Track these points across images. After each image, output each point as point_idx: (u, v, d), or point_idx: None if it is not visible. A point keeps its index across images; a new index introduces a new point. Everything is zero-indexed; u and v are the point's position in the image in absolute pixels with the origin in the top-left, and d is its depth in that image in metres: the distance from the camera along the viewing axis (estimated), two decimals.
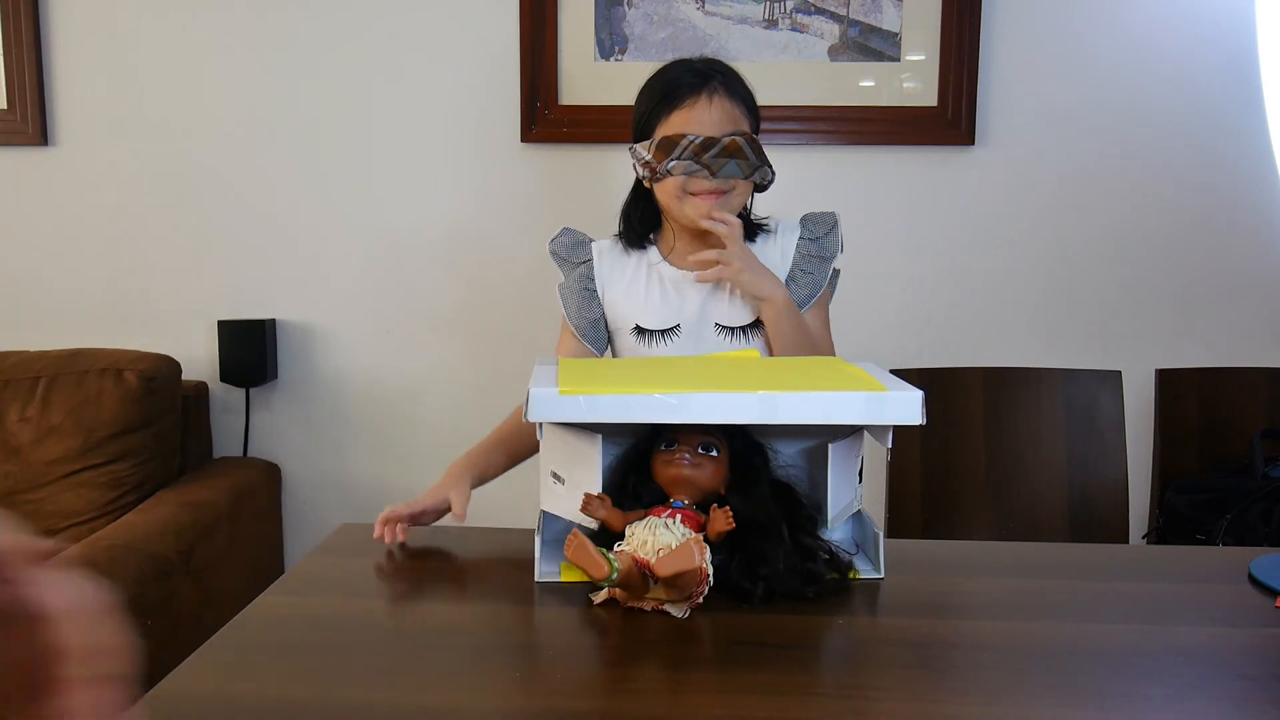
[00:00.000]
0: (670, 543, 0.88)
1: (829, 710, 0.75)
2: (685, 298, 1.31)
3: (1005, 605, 0.96)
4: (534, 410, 0.91)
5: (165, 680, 0.78)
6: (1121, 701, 0.76)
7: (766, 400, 0.91)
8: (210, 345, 2.16)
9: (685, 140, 1.21)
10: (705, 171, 1.22)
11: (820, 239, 1.33)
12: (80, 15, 2.11)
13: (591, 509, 0.94)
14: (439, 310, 2.14)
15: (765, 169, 1.28)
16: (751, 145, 1.24)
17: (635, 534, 0.91)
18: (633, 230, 1.35)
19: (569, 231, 1.38)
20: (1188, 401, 1.81)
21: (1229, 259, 2.02)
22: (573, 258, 1.35)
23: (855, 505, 1.08)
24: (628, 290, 1.32)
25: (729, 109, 1.25)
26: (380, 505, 1.14)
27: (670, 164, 1.22)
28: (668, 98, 1.25)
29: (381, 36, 2.08)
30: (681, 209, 1.26)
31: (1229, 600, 0.97)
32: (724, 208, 1.25)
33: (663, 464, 0.97)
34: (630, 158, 1.31)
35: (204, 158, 2.13)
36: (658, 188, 1.27)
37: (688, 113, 1.23)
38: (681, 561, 0.85)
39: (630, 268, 1.33)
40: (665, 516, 0.92)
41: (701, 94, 1.24)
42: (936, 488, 1.74)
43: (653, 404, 0.91)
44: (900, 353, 2.07)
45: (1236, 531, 1.60)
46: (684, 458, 0.96)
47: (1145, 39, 1.99)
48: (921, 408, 0.92)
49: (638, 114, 1.30)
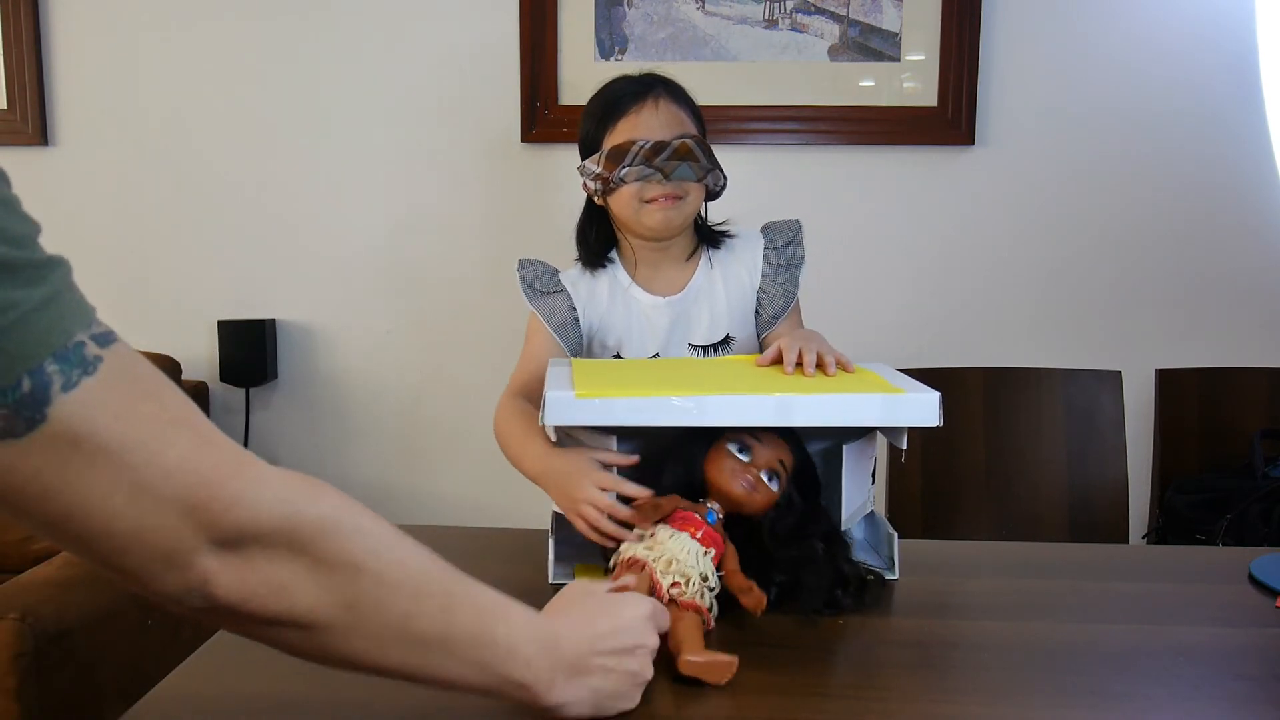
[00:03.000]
0: (691, 575, 0.85)
1: (830, 710, 0.75)
2: (658, 322, 1.28)
3: (1005, 605, 0.96)
4: (550, 414, 0.90)
5: (165, 680, 0.78)
6: (1121, 701, 0.76)
7: (783, 403, 0.91)
8: (210, 345, 2.15)
9: (635, 146, 1.18)
10: (659, 175, 1.19)
11: (784, 248, 1.30)
12: (80, 15, 2.11)
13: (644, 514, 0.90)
14: (439, 310, 2.14)
15: (717, 172, 1.24)
16: (702, 147, 1.21)
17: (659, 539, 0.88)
18: (590, 251, 1.30)
19: (534, 262, 1.31)
20: (1188, 401, 1.81)
21: (1229, 259, 2.02)
22: (545, 287, 1.28)
23: (869, 506, 1.08)
24: (604, 320, 1.28)
25: (675, 113, 1.23)
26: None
27: (623, 171, 1.19)
28: (612, 110, 1.23)
29: (382, 37, 2.08)
30: (639, 219, 1.22)
31: (1229, 600, 0.97)
32: (679, 212, 1.22)
33: (725, 470, 0.92)
34: (579, 177, 1.28)
35: (204, 158, 2.13)
36: (612, 200, 1.24)
37: (635, 119, 1.21)
38: (712, 674, 0.78)
39: (603, 294, 1.28)
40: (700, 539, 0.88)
41: (646, 100, 1.22)
42: (936, 488, 1.74)
43: (669, 407, 0.90)
44: (900, 353, 2.07)
45: (1236, 532, 1.60)
46: (748, 480, 0.91)
47: (1145, 39, 1.99)
48: (939, 409, 0.92)
49: (583, 134, 1.27)
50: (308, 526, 0.57)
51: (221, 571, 0.54)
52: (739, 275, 1.29)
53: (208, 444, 0.54)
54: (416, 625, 0.61)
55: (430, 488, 2.17)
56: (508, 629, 0.65)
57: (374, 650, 0.61)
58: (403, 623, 0.61)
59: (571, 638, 0.69)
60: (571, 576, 0.99)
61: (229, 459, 0.54)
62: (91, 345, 0.50)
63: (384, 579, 0.60)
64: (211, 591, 0.54)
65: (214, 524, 0.53)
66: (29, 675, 1.36)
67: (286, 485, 0.57)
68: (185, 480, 0.52)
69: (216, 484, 0.53)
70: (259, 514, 0.55)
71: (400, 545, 0.62)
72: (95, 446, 0.49)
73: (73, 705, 1.44)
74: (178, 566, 0.53)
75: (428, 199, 2.11)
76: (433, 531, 1.18)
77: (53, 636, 1.39)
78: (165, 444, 0.51)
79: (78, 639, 1.39)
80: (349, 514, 0.60)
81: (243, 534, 0.54)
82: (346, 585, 0.58)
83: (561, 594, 0.76)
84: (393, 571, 0.60)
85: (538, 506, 1.07)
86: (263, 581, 0.56)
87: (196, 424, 0.54)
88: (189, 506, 0.52)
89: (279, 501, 0.56)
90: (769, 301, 1.29)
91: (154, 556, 0.52)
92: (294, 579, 0.57)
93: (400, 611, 0.60)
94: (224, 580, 0.54)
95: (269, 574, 0.56)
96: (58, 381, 0.48)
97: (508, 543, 1.14)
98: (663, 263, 1.28)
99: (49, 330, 0.48)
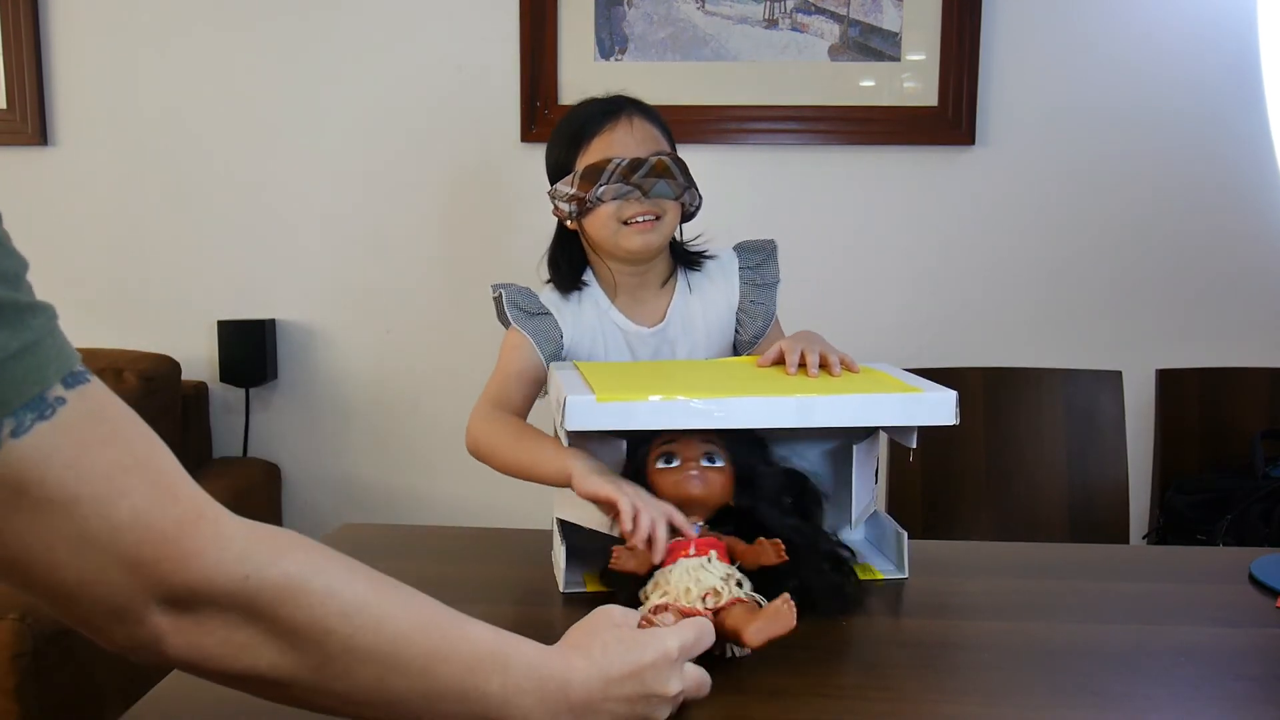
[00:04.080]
0: (714, 584, 0.82)
1: (830, 709, 0.75)
2: (640, 352, 1.26)
3: (1005, 605, 0.96)
4: (570, 418, 0.89)
5: (165, 680, 0.78)
6: (1121, 701, 0.76)
7: (804, 404, 0.91)
8: (210, 345, 2.15)
9: (612, 163, 1.15)
10: (637, 192, 1.16)
11: (758, 267, 1.27)
12: (80, 15, 2.11)
13: (621, 563, 0.86)
14: (439, 310, 2.14)
15: (694, 191, 1.22)
16: (678, 165, 1.18)
17: (670, 581, 0.84)
18: (563, 275, 1.26)
19: (510, 285, 1.24)
20: (1188, 401, 1.81)
21: (1229, 259, 2.02)
22: (532, 308, 1.22)
23: (874, 506, 1.09)
24: (590, 351, 1.24)
25: (649, 130, 1.20)
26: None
27: (600, 190, 1.15)
28: (583, 130, 1.19)
29: (382, 36, 2.08)
30: (617, 241, 1.18)
31: (1229, 600, 0.97)
32: (658, 234, 1.19)
33: (669, 484, 0.91)
34: (550, 202, 1.23)
35: (204, 157, 2.13)
36: (587, 222, 1.19)
37: (609, 136, 1.17)
38: (777, 626, 0.76)
39: (584, 316, 1.24)
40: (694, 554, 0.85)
41: (620, 118, 1.19)
42: (936, 488, 1.74)
43: (692, 411, 0.89)
44: (900, 352, 2.06)
45: (1237, 532, 1.60)
46: (692, 475, 0.90)
47: (1146, 39, 1.99)
48: (955, 408, 0.92)
49: (552, 159, 1.23)
50: (268, 590, 0.53)
51: (173, 631, 0.52)
52: (715, 299, 1.27)
53: (167, 496, 0.51)
54: (393, 685, 0.58)
55: (430, 488, 2.17)
56: (503, 680, 0.61)
57: (349, 707, 0.58)
58: (378, 684, 0.57)
59: (584, 680, 0.64)
60: (583, 585, 0.98)
61: (188, 512, 0.52)
62: (58, 387, 0.48)
63: (354, 642, 0.56)
64: (163, 649, 0.52)
65: (163, 582, 0.51)
66: (29, 675, 1.36)
67: (250, 545, 0.54)
68: (135, 536, 0.49)
69: (170, 541, 0.50)
70: (213, 576, 0.52)
71: (379, 602, 0.58)
72: (42, 496, 0.47)
73: (73, 705, 1.44)
74: (127, 622, 0.51)
75: (428, 199, 2.11)
76: (433, 531, 1.18)
77: (52, 636, 1.39)
78: (118, 495, 0.49)
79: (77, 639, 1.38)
80: (318, 574, 0.56)
81: (195, 595, 0.52)
82: (312, 650, 0.55)
83: (587, 621, 0.71)
84: (364, 635, 0.56)
85: (538, 507, 1.07)
86: (219, 643, 0.53)
87: (160, 472, 0.51)
88: (135, 563, 0.50)
89: (238, 562, 0.53)
90: (749, 322, 1.27)
91: (102, 610, 0.50)
92: (252, 641, 0.54)
93: (374, 673, 0.57)
94: (175, 640, 0.52)
95: (224, 636, 0.53)
96: (8, 426, 0.45)
97: (508, 543, 1.14)
98: (640, 289, 1.25)
99: (23, 380, 0.46)
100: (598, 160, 1.16)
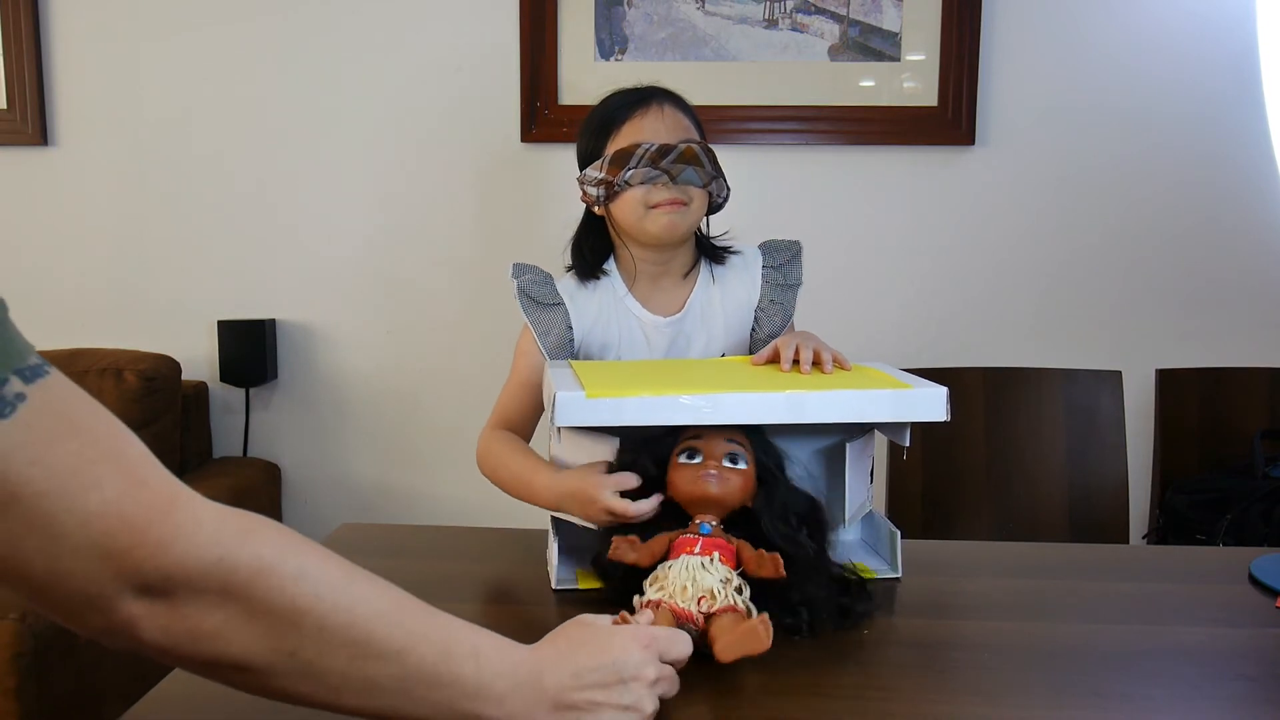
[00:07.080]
0: (712, 586, 0.82)
1: (829, 710, 0.75)
2: (656, 342, 1.25)
3: (1005, 605, 0.96)
4: (561, 415, 0.89)
5: (165, 680, 0.78)
6: (1121, 701, 0.76)
7: (794, 400, 0.91)
8: (210, 345, 2.16)
9: (641, 148, 1.16)
10: (665, 177, 1.16)
11: (782, 267, 1.28)
12: (80, 15, 2.11)
13: (621, 553, 0.87)
14: (439, 310, 2.14)
15: (721, 181, 1.22)
16: (707, 154, 1.19)
17: (669, 577, 0.84)
18: (585, 263, 1.27)
19: (529, 268, 1.25)
20: (1188, 401, 1.81)
21: (1229, 259, 2.02)
22: (543, 298, 1.24)
23: (868, 505, 1.08)
24: (598, 334, 1.24)
25: (678, 118, 1.21)
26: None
27: (628, 174, 1.16)
28: (614, 117, 1.21)
29: (381, 37, 2.08)
30: (642, 225, 1.19)
31: (1229, 600, 0.97)
32: (684, 218, 1.19)
33: (687, 480, 0.90)
34: (580, 187, 1.24)
35: (204, 157, 2.13)
36: (615, 207, 1.20)
37: (639, 122, 1.19)
38: (750, 646, 0.77)
39: (598, 308, 1.24)
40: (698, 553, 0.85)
41: (651, 105, 1.20)
42: (936, 488, 1.74)
43: (681, 406, 0.89)
44: (900, 352, 2.07)
45: (1237, 532, 1.60)
46: (710, 474, 0.89)
47: (1146, 39, 1.99)
48: (947, 404, 0.92)
49: (582, 145, 1.25)
50: (242, 571, 0.54)
51: (146, 617, 0.52)
52: (738, 293, 1.27)
53: (137, 483, 0.51)
54: (368, 669, 0.58)
55: (430, 488, 2.17)
56: (477, 666, 0.62)
57: (323, 693, 0.58)
58: (351, 667, 0.58)
59: (555, 671, 0.66)
60: (575, 582, 0.99)
61: (160, 499, 0.52)
62: (15, 383, 0.47)
63: (327, 623, 0.57)
64: (137, 635, 0.53)
65: (136, 570, 0.51)
66: (29, 675, 1.36)
67: (221, 527, 0.54)
68: (106, 526, 0.49)
69: (141, 529, 0.51)
70: (186, 560, 0.52)
71: (352, 587, 0.59)
72: (7, 494, 0.47)
73: (73, 705, 1.44)
74: (101, 610, 0.51)
75: (428, 199, 2.11)
76: (433, 531, 1.18)
77: (52, 636, 1.39)
78: (86, 486, 0.49)
79: (77, 639, 1.39)
80: (290, 556, 0.57)
81: (169, 580, 0.52)
82: (286, 631, 0.56)
83: (561, 627, 0.73)
84: (338, 616, 0.57)
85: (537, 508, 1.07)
86: (191, 628, 0.54)
87: (129, 460, 0.51)
88: (108, 553, 0.50)
89: (210, 545, 0.53)
90: (766, 320, 1.27)
91: (76, 599, 0.51)
92: (226, 625, 0.54)
93: (347, 656, 0.57)
94: (148, 626, 0.53)
95: (198, 620, 0.54)
96: None
97: (508, 543, 1.14)
98: (662, 278, 1.25)
99: None
100: (627, 145, 1.17)
